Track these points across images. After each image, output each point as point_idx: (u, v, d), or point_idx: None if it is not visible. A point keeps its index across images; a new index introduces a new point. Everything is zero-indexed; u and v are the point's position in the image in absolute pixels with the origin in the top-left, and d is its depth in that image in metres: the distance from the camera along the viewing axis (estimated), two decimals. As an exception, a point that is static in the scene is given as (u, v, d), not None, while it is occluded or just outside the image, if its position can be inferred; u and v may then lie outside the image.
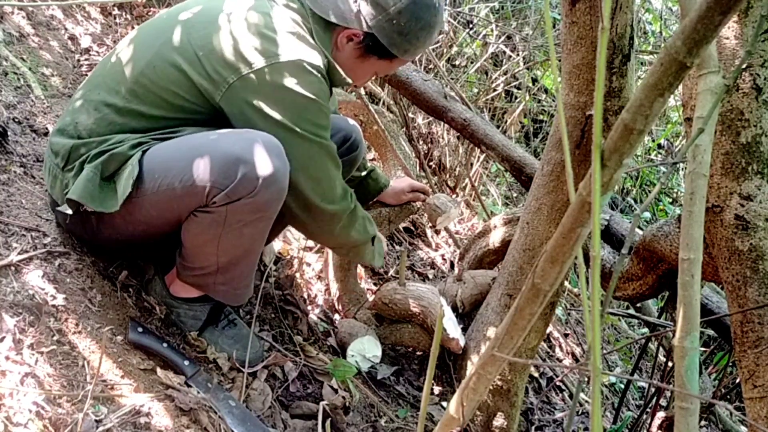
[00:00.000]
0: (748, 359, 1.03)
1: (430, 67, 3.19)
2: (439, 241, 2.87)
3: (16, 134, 1.67)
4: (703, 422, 2.25)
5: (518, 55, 3.52)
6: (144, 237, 1.36)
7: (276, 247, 2.01)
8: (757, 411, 1.01)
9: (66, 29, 2.30)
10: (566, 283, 2.37)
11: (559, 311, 2.87)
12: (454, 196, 3.23)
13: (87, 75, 2.09)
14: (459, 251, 2.22)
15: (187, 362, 1.32)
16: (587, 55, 1.26)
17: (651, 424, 1.63)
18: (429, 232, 2.86)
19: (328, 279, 2.03)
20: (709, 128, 0.75)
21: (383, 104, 2.90)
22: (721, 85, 0.76)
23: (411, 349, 1.91)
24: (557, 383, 2.29)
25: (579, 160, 1.38)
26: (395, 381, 1.80)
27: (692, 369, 0.66)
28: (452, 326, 1.69)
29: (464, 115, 2.09)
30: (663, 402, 1.85)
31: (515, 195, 4.01)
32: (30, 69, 1.96)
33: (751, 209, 1.02)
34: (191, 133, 1.28)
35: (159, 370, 1.27)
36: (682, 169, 4.04)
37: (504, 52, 3.61)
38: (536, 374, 2.23)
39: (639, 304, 2.20)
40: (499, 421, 1.63)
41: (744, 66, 1.02)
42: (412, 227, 2.79)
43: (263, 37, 1.26)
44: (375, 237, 1.59)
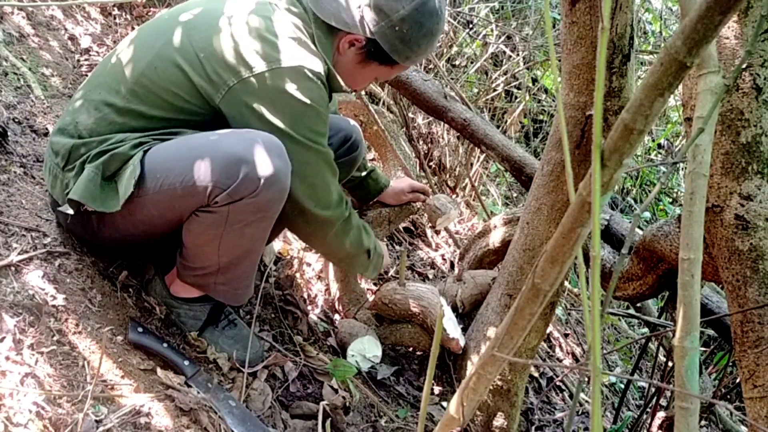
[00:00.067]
0: (748, 359, 1.03)
1: (430, 67, 3.19)
2: (439, 241, 2.87)
3: (16, 134, 1.67)
4: (703, 422, 2.25)
5: (518, 55, 3.52)
6: (145, 237, 1.36)
7: (276, 247, 2.01)
8: (757, 411, 1.01)
9: (66, 29, 2.30)
10: (566, 283, 2.37)
11: (559, 311, 2.87)
12: (454, 197, 3.23)
13: (87, 75, 2.09)
14: (459, 251, 2.22)
15: (187, 362, 1.32)
16: (587, 55, 1.26)
17: (651, 424, 1.63)
18: (429, 232, 2.86)
19: (328, 279, 2.03)
20: (709, 128, 0.75)
21: (383, 104, 2.90)
22: (721, 85, 0.76)
23: (411, 349, 1.91)
24: (557, 383, 2.29)
25: (579, 160, 1.38)
26: (395, 381, 1.80)
27: (692, 369, 0.66)
28: (452, 326, 1.69)
29: (464, 115, 2.09)
30: (663, 402, 1.85)
31: (515, 195, 4.01)
32: (30, 69, 1.96)
33: (751, 209, 1.02)
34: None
35: (159, 370, 1.27)
36: (682, 169, 4.04)
37: (504, 52, 3.61)
38: (536, 374, 2.23)
39: (639, 304, 2.20)
40: (499, 421, 1.63)
41: (744, 66, 1.02)
42: (412, 227, 2.79)
43: (264, 41, 1.26)
44: (371, 250, 1.57)
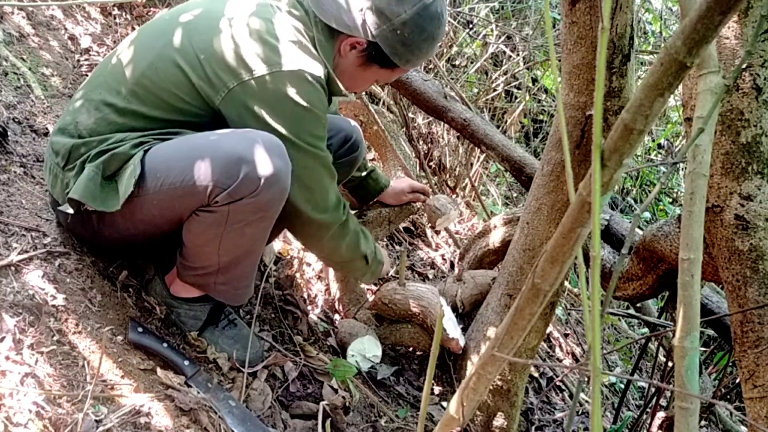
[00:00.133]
0: (748, 359, 1.03)
1: (430, 67, 3.19)
2: (439, 241, 2.87)
3: (16, 134, 1.67)
4: (703, 422, 2.25)
5: (518, 55, 3.52)
6: (145, 236, 1.36)
7: (276, 247, 2.01)
8: (757, 411, 1.01)
9: (66, 29, 2.30)
10: (566, 283, 2.37)
11: (559, 311, 2.87)
12: (454, 197, 3.23)
13: (87, 75, 2.09)
14: (459, 251, 2.22)
15: (187, 362, 1.32)
16: (587, 55, 1.26)
17: (651, 424, 1.63)
18: (429, 232, 2.86)
19: (328, 279, 2.03)
20: (709, 128, 0.75)
21: (383, 104, 2.90)
22: (721, 85, 0.76)
23: (411, 349, 1.91)
24: (557, 383, 2.29)
25: (579, 160, 1.38)
26: (395, 381, 1.80)
27: (692, 369, 0.66)
28: (452, 326, 1.69)
29: (464, 115, 2.08)
30: (663, 402, 1.85)
31: (515, 195, 4.01)
32: (30, 69, 1.96)
33: (751, 209, 1.02)
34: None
35: (159, 370, 1.27)
36: (682, 169, 4.04)
37: (504, 52, 3.61)
38: (536, 374, 2.23)
39: (639, 304, 2.20)
40: (499, 421, 1.63)
41: (744, 66, 1.02)
42: (412, 227, 2.79)
43: (265, 44, 1.26)
44: (368, 256, 1.56)
